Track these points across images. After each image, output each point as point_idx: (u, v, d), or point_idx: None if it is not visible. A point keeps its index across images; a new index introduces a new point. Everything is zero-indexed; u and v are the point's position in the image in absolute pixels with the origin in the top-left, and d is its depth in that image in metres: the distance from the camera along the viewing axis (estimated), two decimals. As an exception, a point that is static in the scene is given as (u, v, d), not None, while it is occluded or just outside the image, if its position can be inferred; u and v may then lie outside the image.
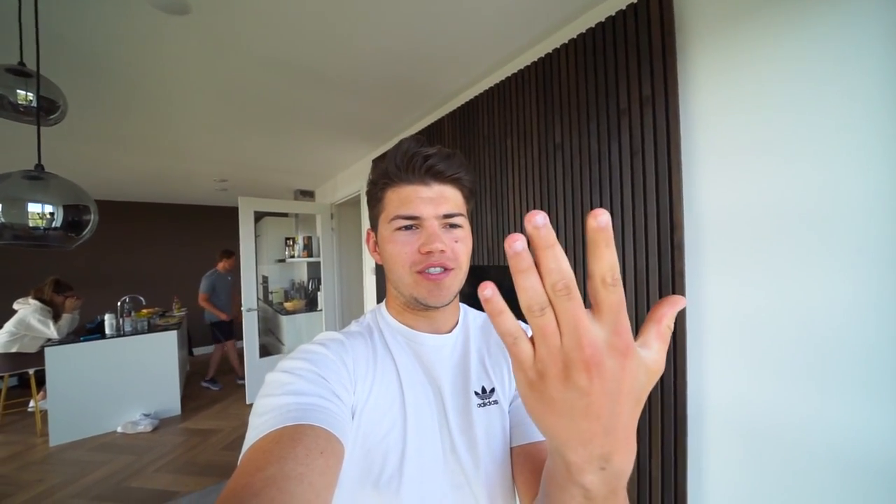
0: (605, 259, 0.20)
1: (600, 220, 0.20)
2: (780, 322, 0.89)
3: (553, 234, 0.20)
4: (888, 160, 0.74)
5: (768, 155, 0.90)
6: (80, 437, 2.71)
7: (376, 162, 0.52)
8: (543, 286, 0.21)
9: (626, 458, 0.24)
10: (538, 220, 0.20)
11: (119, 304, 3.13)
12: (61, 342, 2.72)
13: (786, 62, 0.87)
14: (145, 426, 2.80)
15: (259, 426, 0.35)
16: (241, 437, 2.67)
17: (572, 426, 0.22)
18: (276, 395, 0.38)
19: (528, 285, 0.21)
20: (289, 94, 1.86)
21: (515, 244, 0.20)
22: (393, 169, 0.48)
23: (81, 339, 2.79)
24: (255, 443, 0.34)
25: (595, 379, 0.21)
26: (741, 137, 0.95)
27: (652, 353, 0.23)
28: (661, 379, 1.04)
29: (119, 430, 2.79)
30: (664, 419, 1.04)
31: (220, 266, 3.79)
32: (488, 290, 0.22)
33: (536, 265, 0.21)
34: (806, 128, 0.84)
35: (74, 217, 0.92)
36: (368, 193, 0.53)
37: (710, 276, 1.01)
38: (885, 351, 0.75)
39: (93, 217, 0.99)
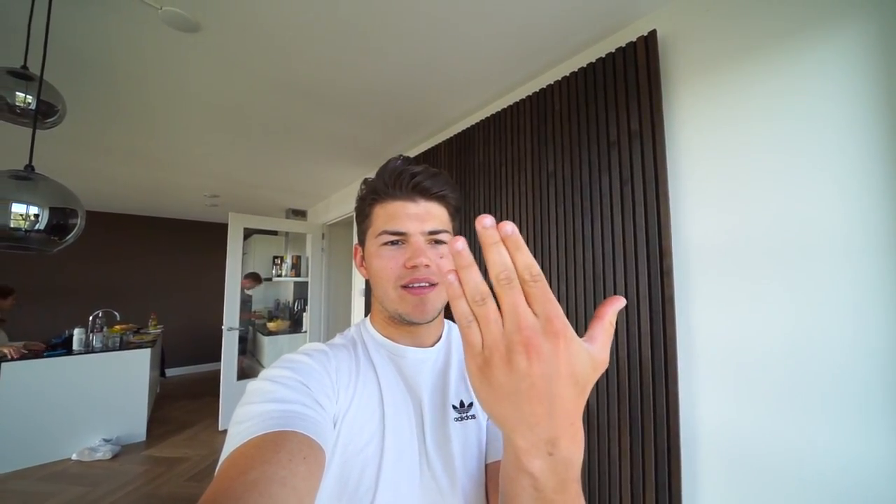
0: (519, 261, 0.23)
1: (505, 230, 0.23)
2: (768, 348, 0.90)
3: (497, 234, 0.23)
4: (860, 193, 0.79)
5: (750, 187, 0.95)
6: (28, 465, 2.47)
7: (366, 179, 0.54)
8: (488, 278, 0.23)
9: (572, 445, 0.25)
10: (486, 222, 0.23)
11: (91, 318, 2.98)
12: (23, 357, 2.54)
13: (763, 102, 0.94)
14: (104, 453, 2.58)
15: (240, 433, 0.34)
16: (211, 467, 2.48)
17: (518, 410, 0.24)
18: (257, 402, 0.37)
19: (470, 278, 0.24)
20: (289, 114, 1.90)
21: (457, 244, 0.23)
22: (381, 185, 0.50)
23: (45, 354, 2.61)
24: (236, 448, 0.33)
25: (534, 360, 0.23)
26: (724, 170, 1.00)
27: (597, 346, 0.25)
28: (654, 405, 1.02)
29: (74, 457, 2.56)
30: (657, 445, 1.01)
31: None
32: (451, 276, 0.24)
33: (485, 260, 0.24)
34: (783, 162, 0.90)
35: (60, 220, 0.89)
36: (357, 209, 0.55)
37: (699, 301, 1.03)
38: (870, 377, 0.76)
39: (79, 222, 0.96)
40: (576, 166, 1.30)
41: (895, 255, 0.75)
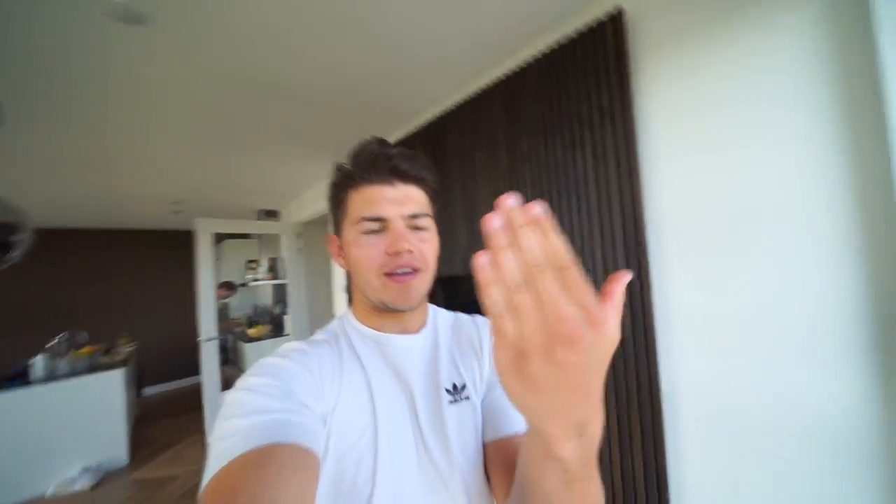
0: (550, 247, 0.22)
1: (534, 211, 0.22)
2: (737, 305, 0.96)
3: (525, 215, 0.22)
4: (818, 155, 0.84)
5: (717, 157, 0.99)
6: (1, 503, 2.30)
7: (339, 164, 0.50)
8: (522, 264, 0.22)
9: (599, 424, 0.26)
10: (510, 202, 0.21)
11: (56, 340, 2.78)
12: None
13: (725, 73, 0.97)
14: (83, 483, 2.43)
15: (223, 451, 0.32)
16: (200, 483, 2.40)
17: (553, 401, 0.23)
18: (238, 416, 0.35)
19: (508, 263, 0.22)
20: (252, 110, 1.81)
21: (494, 222, 0.22)
22: (356, 169, 0.48)
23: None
24: (220, 470, 0.31)
25: (573, 352, 0.21)
26: (693, 142, 1.04)
27: (611, 326, 0.25)
28: (636, 365, 1.08)
29: (49, 491, 2.38)
30: (641, 400, 1.08)
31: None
32: (483, 259, 0.22)
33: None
34: (748, 132, 0.94)
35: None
36: (331, 195, 0.52)
37: (673, 268, 1.07)
38: (830, 326, 0.82)
39: (24, 237, 0.88)
40: (549, 146, 1.31)
41: (849, 211, 0.80)
